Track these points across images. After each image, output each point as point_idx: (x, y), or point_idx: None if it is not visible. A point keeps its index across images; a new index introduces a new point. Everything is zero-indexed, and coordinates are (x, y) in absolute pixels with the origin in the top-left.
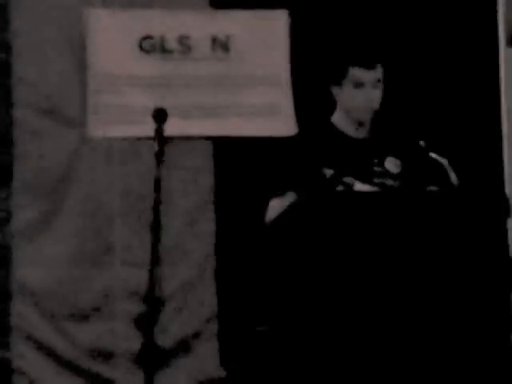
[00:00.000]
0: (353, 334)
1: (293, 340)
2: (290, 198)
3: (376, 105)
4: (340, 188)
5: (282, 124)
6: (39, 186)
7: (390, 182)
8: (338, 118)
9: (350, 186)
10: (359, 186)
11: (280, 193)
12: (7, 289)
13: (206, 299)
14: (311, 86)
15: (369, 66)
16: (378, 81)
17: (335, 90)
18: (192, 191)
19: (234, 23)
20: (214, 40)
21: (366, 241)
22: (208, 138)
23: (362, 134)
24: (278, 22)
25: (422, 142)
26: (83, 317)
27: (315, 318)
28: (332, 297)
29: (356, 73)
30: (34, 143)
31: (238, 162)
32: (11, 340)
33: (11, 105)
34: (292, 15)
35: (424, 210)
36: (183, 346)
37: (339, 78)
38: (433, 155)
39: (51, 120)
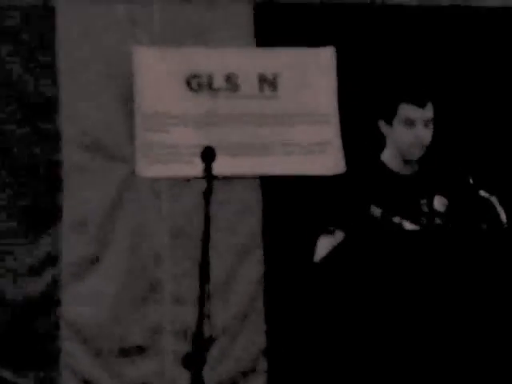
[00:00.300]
0: (403, 371)
1: (342, 379)
2: (338, 236)
3: (426, 143)
4: (389, 227)
5: (330, 162)
6: (88, 223)
7: (437, 222)
8: (387, 156)
9: (398, 226)
10: (407, 226)
11: (329, 231)
12: (56, 327)
13: (255, 337)
14: (361, 123)
15: (420, 104)
16: (429, 119)
17: (385, 128)
18: (240, 229)
19: (281, 61)
20: (262, 78)
21: (415, 280)
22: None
23: (410, 171)
24: (324, 60)
25: (470, 180)
26: (132, 355)
27: (365, 356)
28: (381, 335)
29: (407, 111)
30: (82, 180)
31: (287, 200)
32: (60, 378)
33: (59, 142)
34: (342, 51)
35: (473, 248)
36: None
37: (390, 116)
38: (482, 193)
39: (99, 157)
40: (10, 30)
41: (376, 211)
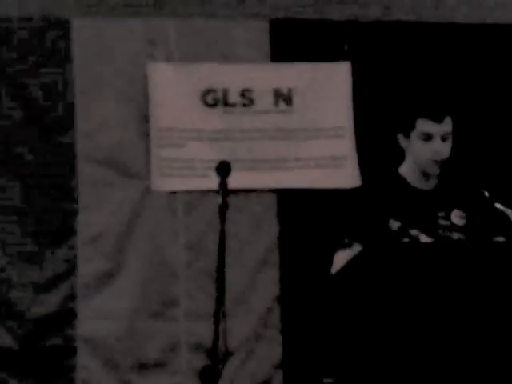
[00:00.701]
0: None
1: None
2: (355, 249)
3: (444, 158)
4: (406, 240)
5: (346, 176)
6: (103, 237)
7: (455, 236)
8: (405, 170)
9: (415, 239)
10: (425, 239)
11: (346, 244)
12: (73, 342)
13: (272, 350)
14: (380, 136)
15: (437, 118)
16: (447, 134)
17: (403, 142)
18: (256, 243)
19: (296, 76)
20: (277, 93)
21: (432, 293)
22: (272, 189)
23: (429, 185)
24: (340, 74)
25: (486, 193)
26: (148, 370)
27: (382, 370)
28: (399, 349)
29: (424, 125)
30: (97, 195)
31: (303, 214)
32: None
33: (75, 158)
34: (360, 66)
35: (490, 261)
36: None
37: (407, 130)
38: (498, 206)
39: (114, 172)
40: (26, 44)
41: (394, 225)
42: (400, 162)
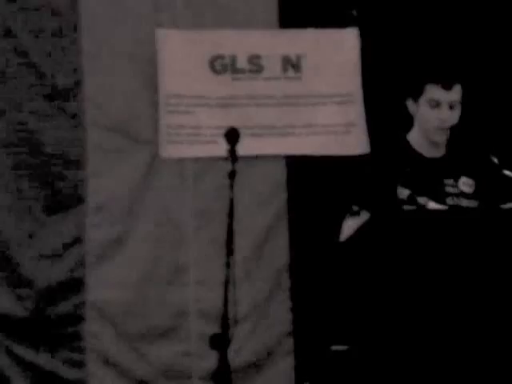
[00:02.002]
0: (431, 354)
1: (369, 360)
2: (364, 216)
3: (449, 126)
4: (413, 207)
5: (354, 142)
6: (112, 205)
7: (464, 203)
8: (413, 136)
9: (423, 206)
10: (433, 206)
11: (354, 212)
12: (81, 309)
13: (281, 317)
14: (388, 102)
15: (446, 85)
16: (456, 102)
17: (412, 107)
18: (265, 210)
19: (305, 42)
20: (285, 59)
21: (440, 260)
22: (280, 156)
23: (437, 153)
24: (348, 41)
25: (495, 159)
26: (158, 337)
27: (391, 337)
28: (408, 315)
29: (433, 91)
30: (106, 163)
31: (312, 180)
32: (86, 360)
33: (83, 124)
34: (369, 31)
35: (498, 227)
36: (258, 365)
37: (416, 95)
38: (506, 172)
39: (123, 140)
40: (33, 12)
41: (403, 192)
42: (408, 128)
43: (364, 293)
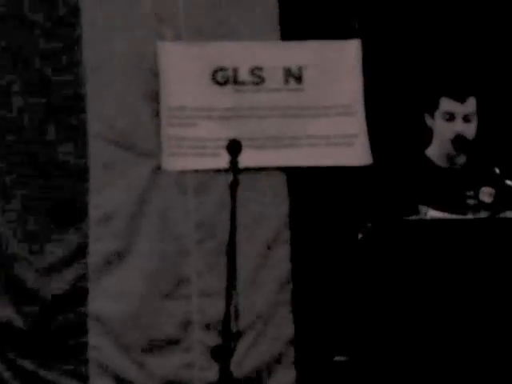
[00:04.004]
0: (434, 365)
1: (371, 371)
2: None
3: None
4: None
5: (356, 154)
6: (115, 218)
7: (483, 215)
8: (433, 151)
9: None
10: (432, 215)
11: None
12: (84, 321)
13: (283, 328)
14: (408, 117)
15: (460, 98)
16: (470, 114)
17: (429, 121)
18: (267, 222)
19: (307, 54)
20: (287, 71)
21: (441, 270)
22: (282, 168)
23: (456, 165)
24: (350, 52)
25: (497, 170)
26: (160, 348)
27: (394, 348)
28: (411, 326)
29: (447, 105)
30: (108, 176)
31: (313, 192)
32: (88, 372)
33: (86, 138)
34: (381, 43)
35: (499, 237)
36: (260, 376)
37: (432, 109)
38: (508, 182)
39: (125, 152)
40: (36, 25)
41: (423, 209)
42: (428, 144)
43: (366, 304)
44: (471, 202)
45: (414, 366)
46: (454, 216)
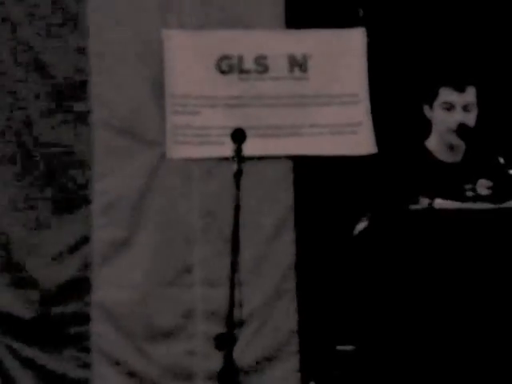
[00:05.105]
0: (437, 354)
1: (374, 360)
2: None
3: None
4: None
5: (361, 143)
6: (119, 206)
7: (483, 206)
8: (432, 143)
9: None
10: (439, 204)
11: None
12: (87, 309)
13: (287, 316)
14: (405, 108)
15: (459, 88)
16: (470, 104)
17: (428, 112)
18: (271, 210)
19: (311, 42)
20: (292, 59)
21: (446, 260)
22: (286, 156)
23: (455, 158)
24: (354, 41)
25: (501, 159)
26: (163, 337)
27: (397, 337)
28: (415, 315)
29: (446, 94)
30: (112, 163)
31: (318, 180)
32: (91, 360)
33: (90, 125)
34: (380, 32)
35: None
36: (263, 365)
37: (431, 99)
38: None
39: (130, 140)
40: (41, 12)
41: (424, 201)
42: (427, 135)
43: (370, 293)
44: (470, 194)
45: (417, 356)
46: (460, 205)
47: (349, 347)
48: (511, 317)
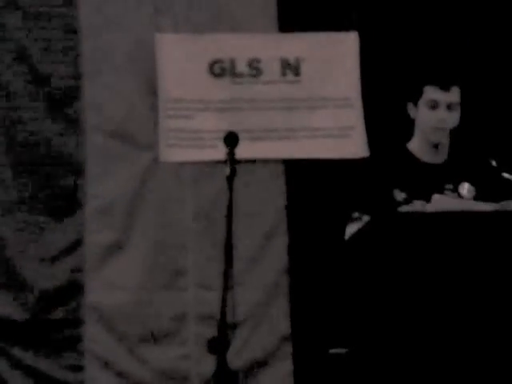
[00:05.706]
0: (431, 357)
1: (368, 363)
2: (365, 221)
3: (449, 127)
4: (409, 209)
5: (353, 146)
6: (112, 209)
7: (482, 206)
8: (414, 144)
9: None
10: (431, 209)
11: (356, 218)
12: (80, 313)
13: (280, 320)
14: (389, 108)
15: (444, 86)
16: (454, 103)
17: (412, 111)
18: (264, 214)
19: (304, 46)
20: (284, 63)
21: (438, 262)
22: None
23: (438, 159)
24: (347, 44)
25: (493, 162)
26: (156, 340)
27: (391, 341)
28: (408, 318)
29: (431, 92)
30: (106, 167)
31: (311, 185)
32: (84, 363)
33: (82, 129)
34: (368, 35)
35: (497, 230)
36: (256, 369)
37: (416, 98)
38: (506, 175)
39: (122, 144)
40: (33, 15)
41: (399, 195)
42: (409, 137)
43: (362, 296)
44: (449, 194)
45: (411, 359)
46: (458, 202)
47: (342, 350)
48: (507, 319)
